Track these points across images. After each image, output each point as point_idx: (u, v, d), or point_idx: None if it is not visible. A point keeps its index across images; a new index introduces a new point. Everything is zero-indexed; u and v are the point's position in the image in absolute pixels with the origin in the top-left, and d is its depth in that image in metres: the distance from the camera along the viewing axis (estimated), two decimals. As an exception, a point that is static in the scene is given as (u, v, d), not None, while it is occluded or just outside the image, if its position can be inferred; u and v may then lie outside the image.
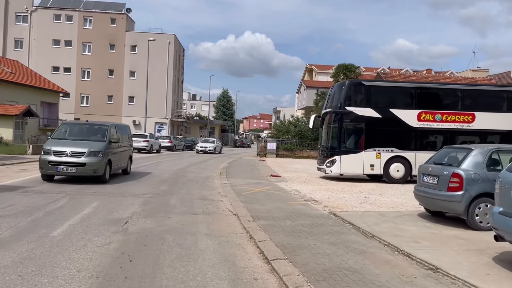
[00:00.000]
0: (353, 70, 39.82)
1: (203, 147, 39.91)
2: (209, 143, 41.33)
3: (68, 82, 52.97)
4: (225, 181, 15.70)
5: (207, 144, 40.72)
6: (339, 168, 16.81)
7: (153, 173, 18.12)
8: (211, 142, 42.05)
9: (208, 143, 41.13)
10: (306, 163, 29.51)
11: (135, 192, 12.03)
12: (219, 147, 42.85)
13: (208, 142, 41.61)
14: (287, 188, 13.94)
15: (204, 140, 43.53)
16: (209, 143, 41.20)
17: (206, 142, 42.14)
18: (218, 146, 42.28)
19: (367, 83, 17.14)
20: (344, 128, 16.91)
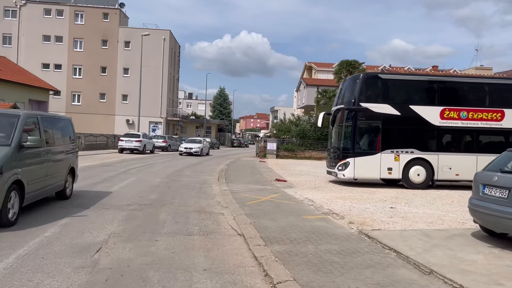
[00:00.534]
0: (356, 67, 38.03)
1: (188, 148, 33.45)
2: (195, 143, 34.87)
3: (58, 80, 50.81)
4: (225, 187, 13.78)
5: (193, 144, 34.28)
6: (352, 172, 14.92)
7: (143, 177, 16.17)
8: (197, 142, 35.66)
9: (194, 144, 34.52)
10: (309, 164, 27.65)
11: (118, 202, 10.09)
12: (206, 148, 36.93)
13: (194, 142, 35.17)
14: (297, 196, 12.04)
15: (189, 140, 36.97)
16: (195, 144, 34.58)
17: (192, 142, 35.69)
18: (205, 146, 36.23)
19: (384, 76, 15.28)
20: (359, 127, 15.03)
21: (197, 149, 33.42)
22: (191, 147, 33.36)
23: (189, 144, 34.16)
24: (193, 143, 34.77)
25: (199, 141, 36.23)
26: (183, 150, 33.33)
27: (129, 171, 18.30)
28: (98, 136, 36.14)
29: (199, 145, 34.34)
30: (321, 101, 43.63)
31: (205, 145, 36.12)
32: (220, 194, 12.26)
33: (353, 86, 15.53)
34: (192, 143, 34.52)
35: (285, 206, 10.05)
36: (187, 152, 33.02)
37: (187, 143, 34.74)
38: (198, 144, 34.50)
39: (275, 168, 22.67)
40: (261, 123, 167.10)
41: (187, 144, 34.53)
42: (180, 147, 34.35)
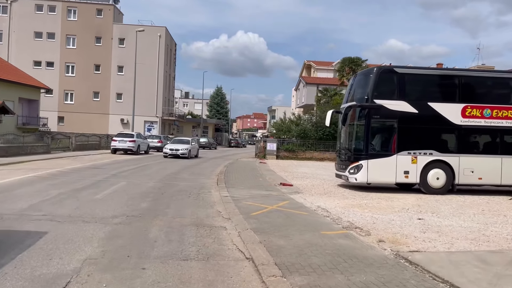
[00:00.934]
0: (359, 64, 36.72)
1: (174, 150, 28.86)
2: (182, 144, 30.25)
3: (51, 78, 49.23)
4: (225, 192, 12.36)
5: (180, 145, 29.62)
6: (365, 176, 13.53)
7: (134, 181, 14.72)
8: (185, 142, 30.92)
9: (180, 144, 29.91)
10: (312, 166, 26.28)
11: (102, 213, 8.65)
12: (195, 150, 32.13)
13: (181, 143, 30.52)
14: (308, 204, 10.63)
15: (176, 140, 32.24)
16: (182, 144, 29.97)
17: (179, 142, 30.90)
18: (194, 148, 31.48)
19: (400, 70, 13.89)
20: (372, 126, 13.64)
21: (184, 150, 28.95)
22: (177, 148, 28.95)
23: (175, 145, 29.72)
24: (180, 143, 30.35)
25: (186, 141, 31.44)
26: (168, 152, 28.88)
27: (120, 174, 16.84)
28: (90, 136, 34.63)
29: (186, 146, 29.80)
30: (322, 100, 42.32)
31: (193, 146, 31.50)
32: (221, 201, 10.84)
33: (366, 81, 14.15)
34: (178, 144, 30.09)
35: (297, 218, 8.63)
36: (173, 154, 28.61)
37: (173, 144, 30.36)
38: (186, 145, 29.88)
39: (277, 170, 21.27)
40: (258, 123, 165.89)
41: (173, 145, 30.10)
42: (164, 149, 29.78)
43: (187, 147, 29.46)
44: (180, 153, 28.64)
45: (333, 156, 33.65)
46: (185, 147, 29.44)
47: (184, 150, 29.04)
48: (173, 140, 33.21)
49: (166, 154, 28.98)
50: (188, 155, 29.09)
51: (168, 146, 29.81)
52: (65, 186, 12.37)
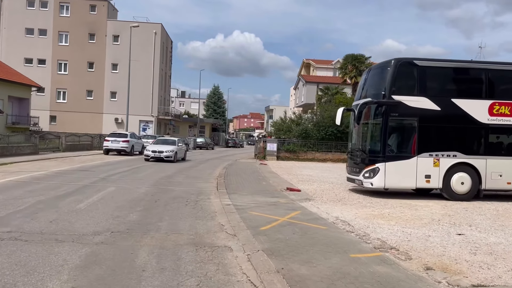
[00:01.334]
0: (363, 61, 35.46)
1: (157, 152, 24.50)
2: (167, 145, 25.88)
3: (42, 76, 47.62)
4: (227, 199, 10.94)
5: (164, 146, 25.24)
6: (383, 180, 12.14)
7: (125, 186, 13.26)
8: (170, 143, 26.54)
9: (165, 146, 25.50)
10: (315, 167, 24.90)
11: (82, 228, 7.22)
12: (182, 152, 27.53)
13: (166, 144, 26.18)
14: (324, 214, 9.23)
15: (160, 140, 27.90)
16: (168, 145, 25.55)
17: (164, 143, 26.58)
18: (181, 149, 27.02)
19: (421, 62, 12.50)
20: (390, 125, 12.23)
21: (169, 153, 24.62)
22: (161, 150, 24.63)
23: (158, 146, 25.34)
24: (165, 144, 25.99)
25: (172, 142, 27.10)
26: (149, 155, 24.54)
27: (110, 177, 15.38)
28: (81, 136, 33.08)
29: (172, 147, 25.35)
30: (323, 99, 40.96)
31: (180, 147, 26.96)
32: (222, 211, 9.42)
33: (382, 75, 12.77)
34: (163, 145, 25.70)
35: (316, 234, 7.22)
36: (156, 157, 24.42)
37: (156, 145, 26.00)
38: (171, 146, 25.49)
39: (280, 173, 19.87)
40: (255, 122, 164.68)
41: (156, 146, 25.70)
42: (146, 150, 25.24)
43: (172, 149, 25.10)
44: (164, 156, 24.35)
45: (335, 157, 32.36)
46: (171, 148, 25.12)
47: (169, 152, 24.68)
48: (156, 140, 28.82)
49: (147, 156, 24.59)
50: (173, 158, 24.81)
51: (150, 148, 25.44)
52: (46, 193, 10.91)
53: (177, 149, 25.89)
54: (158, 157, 24.43)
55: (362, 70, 35.82)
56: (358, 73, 35.55)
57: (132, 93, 43.12)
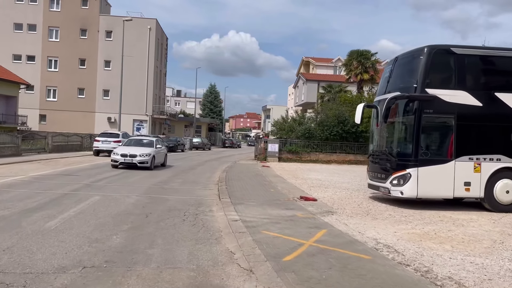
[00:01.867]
0: (368, 57, 33.65)
1: (128, 157, 18.56)
2: (142, 147, 19.78)
3: (31, 73, 45.51)
4: (233, 212, 9.07)
5: (138, 149, 19.25)
6: (415, 188, 10.30)
7: (111, 194, 11.34)
8: (146, 145, 20.24)
9: (140, 148, 19.50)
10: (321, 170, 23.12)
11: (45, 260, 5.33)
12: (162, 155, 21.12)
13: (141, 145, 20.00)
14: (356, 234, 7.38)
15: (134, 141, 21.27)
16: (143, 148, 19.50)
17: (138, 144, 20.24)
18: (160, 153, 20.64)
19: (460, 50, 10.68)
20: (424, 124, 10.41)
21: (145, 157, 18.58)
22: (134, 153, 18.57)
23: (131, 149, 19.15)
24: (139, 146, 19.81)
25: (148, 142, 20.63)
26: (118, 160, 18.58)
27: (96, 183, 13.46)
28: (70, 136, 31.02)
29: (148, 150, 19.31)
30: (326, 97, 39.14)
31: (159, 150, 20.55)
32: (229, 229, 7.55)
33: (413, 66, 10.94)
34: (136, 147, 19.54)
35: (360, 268, 5.36)
36: (127, 162, 18.47)
37: (128, 147, 19.69)
38: (148, 149, 19.41)
39: (286, 176, 18.04)
40: (251, 122, 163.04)
41: (127, 148, 19.47)
42: (113, 154, 19.11)
43: (149, 152, 18.98)
44: (138, 161, 18.44)
45: (341, 158, 30.52)
46: (146, 151, 18.99)
47: (145, 156, 18.61)
48: (128, 140, 21.86)
49: (115, 162, 18.64)
50: (150, 163, 18.79)
51: (119, 150, 19.16)
52: (13, 205, 8.99)
53: (155, 152, 19.62)
54: (130, 163, 18.42)
55: (367, 66, 34.07)
56: (364, 69, 33.77)
57: (126, 91, 41.13)
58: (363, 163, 30.59)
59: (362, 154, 30.54)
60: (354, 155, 30.49)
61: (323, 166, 26.37)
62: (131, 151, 18.89)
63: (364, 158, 30.89)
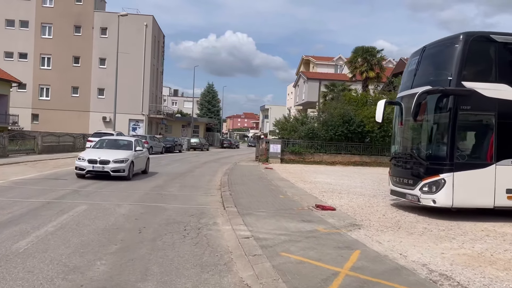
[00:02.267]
0: (374, 54, 32.30)
1: (98, 163, 14.32)
2: (116, 150, 15.67)
3: (23, 71, 43.95)
4: (242, 226, 7.68)
5: (111, 153, 14.96)
6: (450, 196, 8.94)
7: (100, 203, 9.92)
8: (122, 147, 16.25)
9: (113, 151, 15.35)
10: (327, 172, 21.77)
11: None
12: (142, 160, 16.76)
13: (115, 148, 15.96)
14: (398, 256, 6.00)
15: (105, 142, 16.79)
16: (117, 152, 15.35)
17: (111, 147, 16.12)
18: (139, 157, 16.27)
19: (501, 38, 9.32)
20: (460, 122, 9.06)
21: (120, 164, 14.37)
22: (105, 159, 14.33)
23: (102, 153, 14.92)
24: (114, 149, 15.66)
25: (126, 144, 16.36)
26: (85, 167, 14.28)
27: (84, 189, 12.03)
28: (62, 136, 29.49)
29: (125, 154, 15.02)
30: (328, 96, 37.77)
31: (139, 153, 16.13)
32: (241, 250, 6.17)
33: (447, 55, 9.58)
34: (110, 151, 15.36)
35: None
36: (96, 171, 14.29)
37: (99, 150, 15.56)
38: (124, 153, 15.15)
39: (292, 180, 16.68)
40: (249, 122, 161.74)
41: (97, 151, 15.25)
42: (78, 160, 14.64)
43: (125, 157, 14.63)
44: (111, 169, 14.08)
45: (346, 159, 29.13)
46: (122, 156, 14.63)
47: (120, 162, 14.31)
48: (99, 141, 16.95)
49: (81, 170, 14.29)
50: (127, 171, 14.45)
51: (86, 155, 14.81)
52: (-19, 218, 7.56)
53: (134, 156, 15.23)
54: (100, 171, 14.09)
55: (373, 64, 32.71)
56: (369, 67, 32.40)
57: (121, 90, 39.68)
58: (369, 165, 29.35)
59: (368, 155, 29.25)
60: (359, 156, 29.16)
61: (328, 168, 25.01)
62: (102, 156, 14.38)
63: (370, 159, 29.63)
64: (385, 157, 29.19)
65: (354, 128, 28.32)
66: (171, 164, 23.73)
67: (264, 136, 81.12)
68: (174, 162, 25.89)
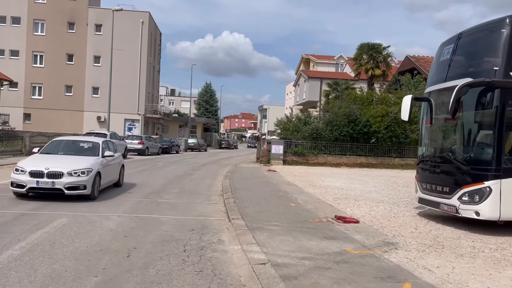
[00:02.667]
0: (380, 51, 30.95)
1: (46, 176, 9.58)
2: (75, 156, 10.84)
3: (15, 69, 42.40)
4: (254, 246, 6.30)
5: (67, 161, 10.32)
6: (497, 208, 7.58)
7: (84, 214, 8.51)
8: (85, 151, 11.36)
9: (70, 159, 10.56)
10: (333, 174, 20.46)
11: None
12: (114, 170, 12.04)
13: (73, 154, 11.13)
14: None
15: (59, 145, 11.69)
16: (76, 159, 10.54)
17: (68, 151, 11.30)
18: (110, 165, 11.52)
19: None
20: (508, 120, 7.72)
21: (80, 177, 9.85)
22: (56, 170, 9.73)
23: (52, 161, 10.33)
24: (71, 155, 11.12)
25: (89, 148, 11.53)
26: (24, 182, 9.65)
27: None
28: (52, 136, 27.84)
29: (85, 163, 10.30)
30: (331, 95, 36.40)
31: (108, 161, 11.45)
32: (257, 286, 4.78)
33: (490, 42, 8.22)
34: (65, 157, 10.89)
35: None
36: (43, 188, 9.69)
37: (47, 157, 10.74)
38: (84, 161, 10.41)
39: (300, 183, 15.33)
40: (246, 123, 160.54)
41: (46, 159, 10.48)
42: (15, 172, 9.96)
43: (87, 167, 10.13)
44: (66, 186, 9.71)
45: (351, 161, 27.73)
46: (83, 166, 10.12)
47: (80, 175, 9.88)
48: (50, 144, 12.02)
49: (20, 187, 9.78)
50: (91, 187, 10.07)
51: (26, 165, 10.12)
52: None
53: (101, 165, 10.81)
54: (49, 188, 9.69)
55: (379, 61, 31.38)
56: (375, 64, 31.07)
57: (117, 89, 38.34)
58: (375, 166, 27.98)
59: (374, 156, 27.93)
60: (365, 157, 27.84)
61: (334, 170, 23.66)
62: (52, 166, 9.79)
63: (376, 161, 28.26)
64: (392, 158, 27.95)
65: (360, 128, 27.00)
66: (168, 166, 22.32)
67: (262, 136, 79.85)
68: (171, 164, 24.48)
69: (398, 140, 27.65)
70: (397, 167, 27.27)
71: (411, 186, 16.46)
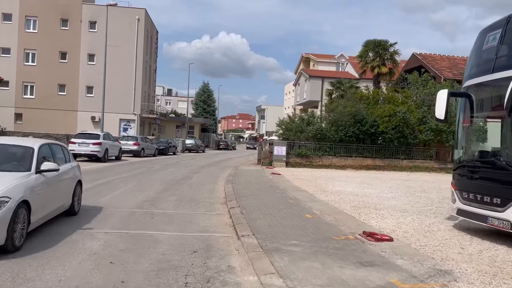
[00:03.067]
0: (387, 48, 29.64)
1: None
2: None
3: (6, 67, 40.97)
4: (275, 280, 4.94)
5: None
6: None
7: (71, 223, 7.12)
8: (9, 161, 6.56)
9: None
10: (341, 177, 19.17)
11: None
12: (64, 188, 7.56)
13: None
14: None
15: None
16: None
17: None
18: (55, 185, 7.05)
19: None
20: None
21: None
22: None
23: None
24: None
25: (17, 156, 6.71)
26: None
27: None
28: (42, 137, 26.57)
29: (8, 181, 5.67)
30: (335, 94, 35.09)
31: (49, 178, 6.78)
32: None
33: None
34: None
35: None
36: None
37: None
38: (7, 178, 5.78)
39: (309, 189, 14.04)
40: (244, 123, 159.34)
41: None
42: None
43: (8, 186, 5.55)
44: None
45: (357, 163, 26.39)
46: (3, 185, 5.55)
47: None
48: None
49: None
50: (4, 236, 5.24)
51: None
52: None
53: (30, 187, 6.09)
54: None
55: (386, 58, 30.08)
56: (382, 62, 29.78)
57: (112, 88, 36.91)
58: (383, 169, 26.65)
59: (381, 158, 26.66)
60: (372, 159, 26.61)
61: (341, 173, 22.36)
62: None
63: (383, 163, 26.93)
64: (400, 160, 26.68)
65: (366, 128, 25.71)
66: (164, 169, 20.92)
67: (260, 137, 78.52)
68: (168, 166, 23.08)
69: (406, 141, 26.43)
70: (406, 169, 26.05)
71: (429, 191, 15.20)
